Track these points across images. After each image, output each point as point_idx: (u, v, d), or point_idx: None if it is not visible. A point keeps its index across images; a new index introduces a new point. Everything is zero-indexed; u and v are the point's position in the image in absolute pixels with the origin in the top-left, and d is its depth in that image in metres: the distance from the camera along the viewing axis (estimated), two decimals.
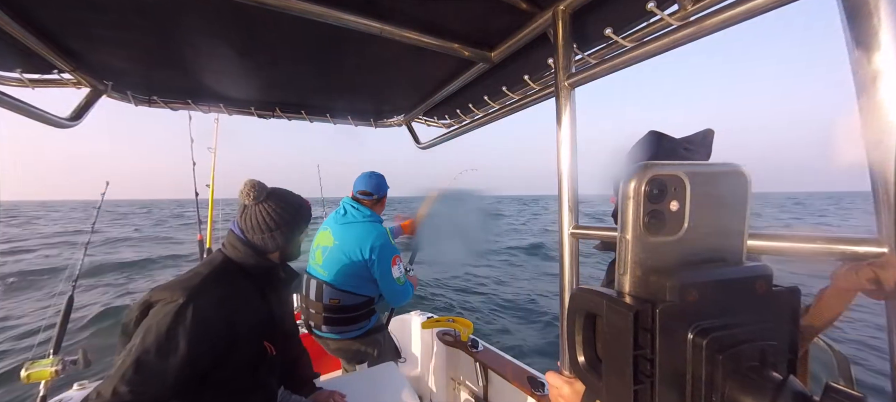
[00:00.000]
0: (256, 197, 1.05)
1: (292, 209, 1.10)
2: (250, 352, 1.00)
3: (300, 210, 1.13)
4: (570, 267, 0.78)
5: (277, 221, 1.06)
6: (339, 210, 1.82)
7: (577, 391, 0.58)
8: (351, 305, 1.71)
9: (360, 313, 1.74)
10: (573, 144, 0.80)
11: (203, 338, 0.87)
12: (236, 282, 1.01)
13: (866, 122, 0.37)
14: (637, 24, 0.82)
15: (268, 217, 1.05)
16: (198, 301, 0.88)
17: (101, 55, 1.11)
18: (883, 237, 0.37)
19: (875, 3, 0.37)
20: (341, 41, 1.03)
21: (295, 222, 1.10)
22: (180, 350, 0.83)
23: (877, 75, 0.37)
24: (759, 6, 0.50)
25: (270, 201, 1.07)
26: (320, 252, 1.77)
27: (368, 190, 1.79)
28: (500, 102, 1.38)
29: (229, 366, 0.94)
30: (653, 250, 0.29)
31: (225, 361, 0.92)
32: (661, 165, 0.28)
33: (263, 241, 1.05)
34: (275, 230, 1.05)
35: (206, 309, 0.89)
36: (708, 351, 0.25)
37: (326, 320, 1.72)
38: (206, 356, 0.88)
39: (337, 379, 1.59)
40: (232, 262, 1.04)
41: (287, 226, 1.08)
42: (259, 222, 1.04)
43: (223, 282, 0.98)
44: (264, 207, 1.06)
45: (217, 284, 0.96)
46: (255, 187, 1.05)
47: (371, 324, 1.81)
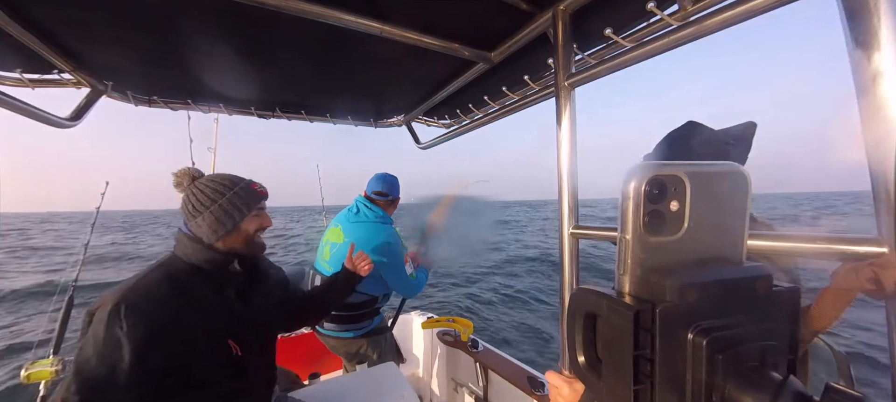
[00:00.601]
0: (180, 182, 0.98)
1: (220, 186, 0.98)
2: (212, 353, 0.93)
3: (231, 186, 0.99)
4: (570, 267, 0.78)
5: (203, 200, 0.96)
6: (352, 208, 1.83)
7: (577, 391, 0.58)
8: (356, 302, 1.71)
9: (364, 312, 1.75)
10: (573, 144, 0.80)
11: (143, 332, 0.81)
12: (182, 277, 0.94)
13: (866, 122, 0.38)
14: (637, 24, 0.82)
15: (195, 198, 0.96)
16: (130, 299, 0.83)
17: (101, 55, 1.11)
18: (883, 237, 0.37)
19: (875, 3, 0.37)
20: (341, 41, 1.03)
21: (225, 199, 0.97)
22: (123, 351, 0.78)
23: (877, 75, 0.37)
24: (759, 6, 0.50)
25: (198, 182, 0.98)
26: (329, 248, 1.78)
27: (384, 190, 1.81)
28: (500, 102, 1.38)
29: (194, 367, 0.89)
30: (653, 250, 0.29)
31: (186, 360, 0.88)
32: (662, 164, 0.28)
33: (198, 227, 0.96)
34: (203, 211, 0.95)
35: (141, 305, 0.83)
36: (708, 351, 0.25)
37: (330, 317, 1.73)
38: (155, 352, 0.82)
39: (337, 379, 1.59)
40: (179, 258, 0.97)
41: (216, 204, 0.96)
42: (187, 206, 0.97)
43: (165, 278, 0.91)
44: (192, 188, 0.98)
45: (157, 280, 0.90)
46: (178, 174, 0.99)
47: (374, 324, 1.81)
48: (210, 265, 0.96)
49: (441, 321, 2.20)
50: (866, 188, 0.38)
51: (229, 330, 0.97)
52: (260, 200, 1.03)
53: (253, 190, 1.03)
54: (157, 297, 0.86)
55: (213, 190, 0.97)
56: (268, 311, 1.13)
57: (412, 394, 1.37)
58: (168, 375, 0.85)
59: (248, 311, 1.04)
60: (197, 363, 0.90)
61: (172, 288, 0.89)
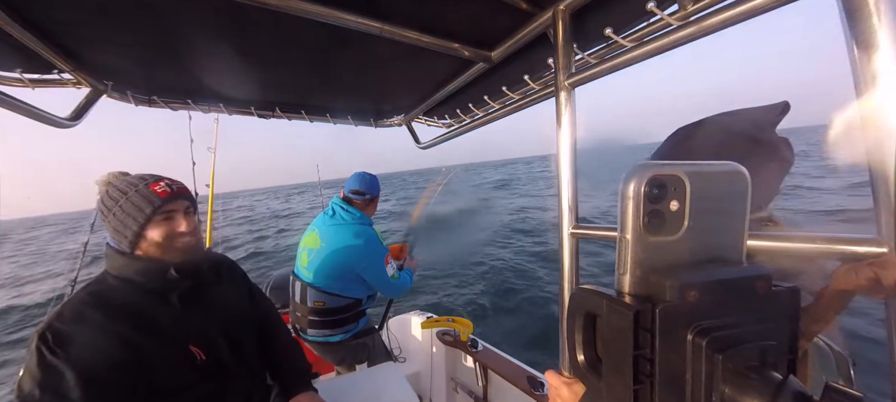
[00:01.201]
0: (99, 191, 0.94)
1: (117, 190, 0.91)
2: (175, 360, 0.90)
3: (126, 190, 0.91)
4: (569, 267, 0.78)
5: (107, 205, 0.90)
6: (328, 211, 1.78)
7: (577, 393, 0.58)
8: (337, 307, 1.68)
9: (346, 316, 1.71)
10: (573, 144, 0.80)
11: (82, 356, 0.78)
12: (112, 293, 0.89)
13: (866, 122, 0.38)
14: (637, 24, 0.82)
15: (100, 204, 0.92)
16: (55, 326, 0.79)
17: (101, 55, 1.11)
18: (883, 237, 0.37)
19: (875, 3, 0.37)
20: (341, 41, 1.03)
21: (118, 206, 0.89)
22: (67, 376, 0.75)
23: (877, 75, 0.37)
24: (759, 6, 0.50)
25: (108, 184, 0.93)
26: (306, 254, 1.73)
27: (361, 189, 1.77)
28: (500, 102, 1.38)
29: (157, 376, 0.86)
30: (653, 250, 0.29)
31: (145, 370, 0.84)
32: (661, 164, 0.28)
33: (111, 233, 0.91)
34: (107, 217, 0.90)
35: (68, 328, 0.80)
36: (708, 351, 0.25)
37: (311, 323, 1.68)
38: (102, 372, 0.78)
39: (335, 380, 1.59)
40: (110, 275, 0.92)
41: (111, 213, 0.90)
42: (99, 213, 0.92)
43: (92, 294, 0.87)
44: (101, 191, 0.93)
45: (82, 300, 0.85)
46: (101, 182, 0.94)
47: (359, 327, 1.77)
48: (142, 276, 0.90)
49: (441, 321, 2.20)
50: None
51: (186, 337, 0.93)
52: (162, 202, 0.91)
53: (151, 192, 0.91)
54: (86, 316, 0.82)
55: (113, 194, 0.91)
56: (234, 313, 1.08)
57: (412, 394, 1.37)
58: (128, 390, 0.82)
59: (204, 316, 0.99)
60: (158, 374, 0.86)
61: (103, 305, 0.85)
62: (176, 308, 0.94)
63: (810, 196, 11.01)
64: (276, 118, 1.69)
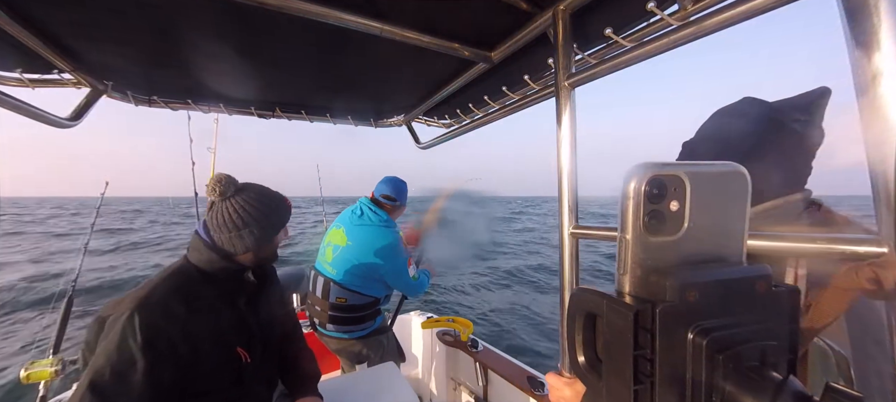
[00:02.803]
0: (224, 192, 0.95)
1: (266, 205, 0.99)
2: (221, 361, 0.93)
3: (276, 206, 1.02)
4: (570, 267, 0.78)
5: (247, 218, 0.95)
6: (356, 210, 1.81)
7: (578, 393, 0.58)
8: (357, 304, 1.72)
9: (365, 314, 1.75)
10: (573, 144, 0.80)
11: (156, 345, 0.81)
12: (195, 288, 0.93)
13: (866, 122, 0.37)
14: (637, 24, 0.82)
15: (236, 214, 0.94)
16: (143, 310, 0.82)
17: (101, 55, 1.11)
18: (883, 237, 0.37)
19: (875, 3, 0.37)
20: (341, 41, 1.03)
21: (269, 219, 0.99)
22: (137, 364, 0.78)
23: (877, 75, 0.37)
24: (759, 6, 0.50)
25: (240, 196, 0.96)
26: (331, 250, 1.77)
27: (392, 195, 1.81)
28: (500, 102, 1.38)
29: (200, 376, 0.89)
30: (653, 250, 0.29)
31: (193, 371, 0.87)
32: (661, 164, 0.28)
33: (231, 241, 0.95)
34: (243, 228, 0.95)
35: (154, 315, 0.83)
36: (708, 351, 0.25)
37: (332, 318, 1.72)
38: (166, 364, 0.82)
39: (336, 379, 1.59)
40: (193, 267, 0.96)
41: (259, 224, 0.96)
42: (226, 219, 0.94)
43: (178, 288, 0.90)
44: (233, 202, 0.95)
45: (170, 290, 0.89)
46: (222, 181, 0.95)
47: (375, 325, 1.81)
48: (225, 275, 0.97)
49: (441, 321, 2.20)
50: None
51: (240, 339, 0.98)
52: (290, 214, 1.07)
53: (288, 205, 1.06)
54: (172, 309, 0.86)
55: (264, 206, 0.98)
56: (271, 318, 1.12)
57: (412, 394, 1.37)
58: (175, 385, 0.85)
59: (256, 320, 1.04)
60: (205, 372, 0.90)
61: (186, 298, 0.89)
62: (239, 310, 0.99)
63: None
64: (276, 118, 1.69)
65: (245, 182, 1.01)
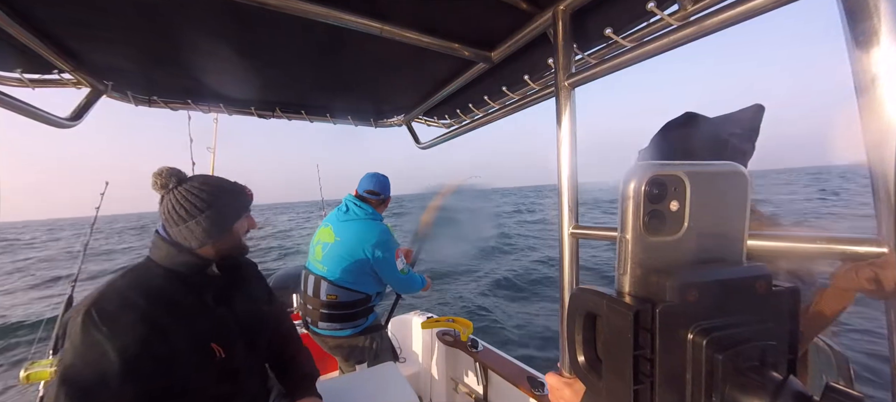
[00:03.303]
0: (165, 184, 0.92)
1: (212, 192, 0.94)
2: (194, 356, 0.91)
3: (225, 191, 0.97)
4: (569, 267, 0.78)
5: (191, 208, 0.91)
6: (342, 207, 1.84)
7: (578, 393, 0.58)
8: (349, 301, 1.72)
9: (357, 311, 1.75)
10: (573, 144, 0.80)
11: (125, 337, 0.79)
12: (156, 282, 0.90)
13: (866, 122, 0.37)
14: (637, 24, 0.82)
15: (180, 205, 0.91)
16: (101, 304, 0.81)
17: (101, 55, 1.11)
18: (883, 237, 0.37)
19: (875, 3, 0.37)
20: (341, 41, 1.03)
21: (219, 206, 0.94)
22: (109, 355, 0.77)
23: (877, 75, 0.37)
24: (759, 6, 0.50)
25: (184, 186, 0.93)
26: (320, 248, 1.78)
27: (376, 189, 1.83)
28: (500, 102, 1.38)
29: (175, 370, 0.87)
30: (653, 250, 0.29)
31: (168, 363, 0.86)
32: (661, 164, 0.28)
33: (182, 233, 0.91)
34: (190, 219, 0.90)
35: (115, 309, 0.82)
36: (708, 351, 0.25)
37: (324, 316, 1.73)
38: (141, 356, 0.80)
39: (335, 380, 1.59)
40: (154, 264, 0.93)
41: (208, 212, 0.92)
42: (173, 209, 0.90)
43: (136, 282, 0.88)
44: (177, 193, 0.92)
45: (127, 284, 0.87)
46: (162, 174, 0.92)
47: (368, 322, 1.81)
48: (187, 269, 0.93)
49: (441, 321, 2.20)
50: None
51: (211, 334, 0.95)
52: (249, 202, 1.04)
53: (244, 193, 1.02)
54: (130, 301, 0.84)
55: (207, 193, 0.94)
56: (254, 314, 1.09)
57: (412, 394, 1.37)
58: (152, 380, 0.84)
59: (230, 314, 1.01)
60: (179, 367, 0.88)
61: (146, 292, 0.87)
62: (207, 304, 0.96)
63: None
64: (276, 118, 1.69)
65: (197, 174, 0.98)
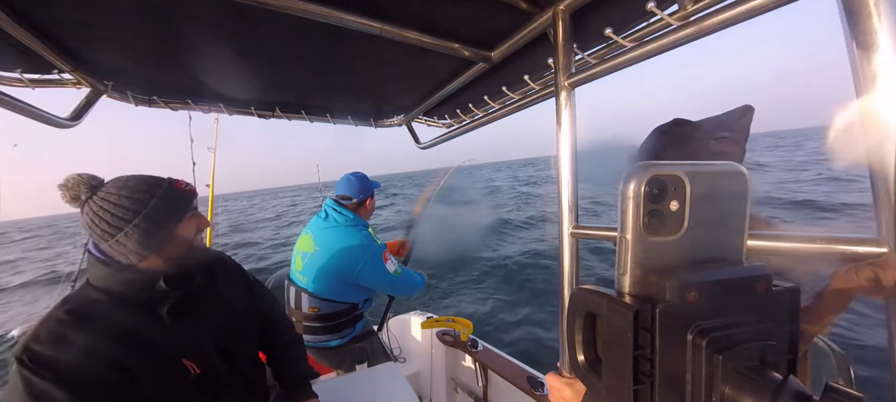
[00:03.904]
0: (75, 196, 0.79)
1: (135, 196, 0.80)
2: (162, 378, 0.83)
3: (153, 193, 0.82)
4: (569, 267, 0.78)
5: (117, 217, 0.78)
6: (321, 213, 1.74)
7: (578, 393, 0.58)
8: (331, 313, 1.64)
9: (342, 322, 1.68)
10: (573, 144, 0.80)
11: (68, 376, 0.72)
12: (97, 310, 0.80)
13: (866, 122, 0.37)
14: (637, 24, 0.82)
15: (101, 217, 0.78)
16: (32, 349, 0.72)
17: (101, 55, 1.11)
18: (883, 237, 0.37)
19: (875, 3, 0.37)
20: (341, 41, 1.03)
21: (148, 210, 0.80)
22: (59, 398, 0.69)
23: (877, 75, 0.37)
24: (759, 6, 0.50)
25: (100, 194, 0.79)
26: (300, 258, 1.69)
27: (348, 194, 1.72)
28: (500, 102, 1.38)
29: (143, 397, 0.80)
30: (653, 250, 0.29)
31: (131, 391, 0.78)
32: (661, 164, 0.28)
33: (114, 249, 0.79)
34: (117, 232, 0.78)
35: (47, 350, 0.73)
36: (708, 351, 0.25)
37: (307, 329, 1.65)
38: (96, 390, 0.74)
39: (335, 380, 1.59)
40: (91, 289, 0.82)
41: (136, 220, 0.79)
42: (94, 224, 0.78)
43: (72, 316, 0.77)
44: (94, 203, 0.79)
45: (60, 321, 0.76)
46: (69, 185, 0.79)
47: (356, 331, 1.74)
48: (131, 289, 0.82)
49: (441, 321, 2.20)
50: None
51: (178, 351, 0.86)
52: (190, 199, 0.89)
53: (180, 190, 0.87)
54: (66, 338, 0.74)
55: (131, 201, 0.79)
56: (230, 317, 1.01)
57: (412, 394, 1.37)
58: None
59: (198, 325, 0.92)
60: (149, 391, 0.81)
61: (84, 323, 0.77)
62: (165, 321, 0.86)
63: None
64: (276, 118, 1.69)
65: (118, 177, 0.83)
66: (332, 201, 1.73)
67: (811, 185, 13.08)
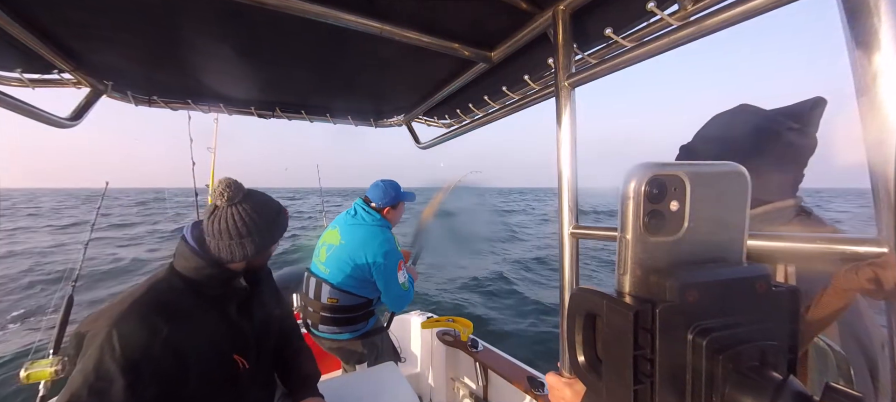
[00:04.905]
0: (231, 198, 0.92)
1: (270, 215, 0.98)
2: (216, 372, 0.91)
3: (278, 217, 1.01)
4: (570, 267, 0.78)
5: (252, 226, 0.92)
6: (350, 210, 1.83)
7: (578, 393, 0.58)
8: (349, 305, 1.71)
9: (357, 315, 1.74)
10: (573, 144, 0.80)
11: (137, 363, 0.78)
12: (180, 298, 0.89)
13: (866, 122, 0.37)
14: (637, 24, 0.82)
15: (241, 221, 0.92)
16: (122, 327, 0.79)
17: (101, 55, 1.11)
18: (883, 237, 0.37)
19: (875, 3, 0.37)
20: (341, 41, 1.03)
21: (270, 229, 0.98)
22: (115, 382, 0.75)
23: (877, 75, 0.37)
24: (759, 6, 0.50)
25: (246, 204, 0.94)
26: (325, 250, 1.78)
27: (372, 199, 1.81)
28: (500, 102, 1.38)
29: (193, 389, 0.86)
30: (653, 250, 0.29)
31: (183, 385, 0.85)
32: (662, 164, 0.28)
33: (230, 248, 0.91)
34: (246, 237, 0.92)
35: (134, 332, 0.80)
36: (708, 351, 0.25)
37: (324, 319, 1.72)
38: (148, 382, 0.79)
39: (336, 379, 1.59)
40: (177, 276, 0.92)
41: (260, 233, 0.94)
42: (229, 225, 0.91)
43: (160, 301, 0.87)
44: (239, 209, 0.92)
45: (151, 304, 0.85)
46: (231, 186, 0.92)
47: (368, 326, 1.80)
48: (214, 283, 0.93)
49: (441, 321, 2.20)
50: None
51: (235, 347, 0.96)
52: (288, 224, 1.07)
53: (287, 217, 1.06)
54: (153, 324, 0.83)
55: (266, 214, 0.96)
56: (266, 321, 1.10)
57: (411, 394, 1.37)
58: (162, 398, 0.82)
59: (250, 323, 1.02)
60: (198, 384, 0.87)
61: (169, 311, 0.86)
62: (231, 317, 0.97)
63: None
64: (276, 118, 1.69)
65: (251, 189, 0.98)
66: (362, 200, 1.83)
67: None
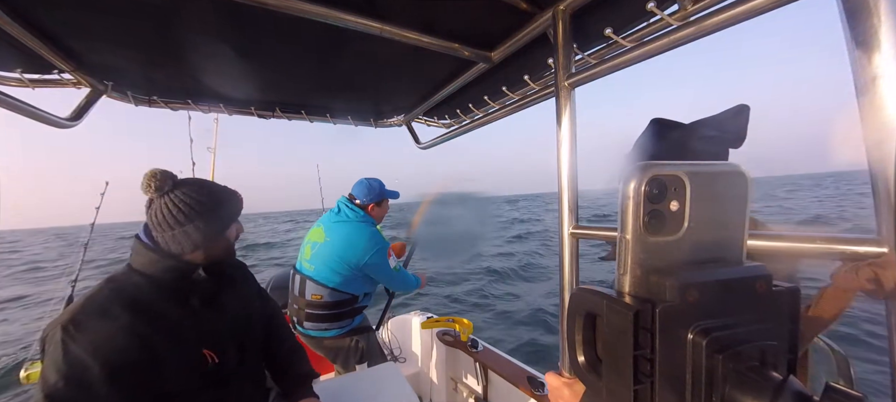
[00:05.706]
0: (160, 187, 0.88)
1: (210, 198, 0.92)
2: (184, 364, 0.89)
3: (223, 199, 0.95)
4: (570, 267, 0.78)
5: (189, 212, 0.88)
6: (334, 209, 1.85)
7: (578, 393, 0.58)
8: (333, 301, 1.72)
9: (342, 312, 1.76)
10: (573, 143, 0.80)
11: (101, 347, 0.77)
12: (137, 292, 0.86)
13: (866, 122, 0.37)
14: (637, 24, 0.82)
15: (176, 209, 0.87)
16: (79, 318, 0.78)
17: (101, 55, 1.11)
18: (883, 237, 0.37)
19: (875, 3, 0.37)
20: (341, 41, 1.03)
21: (215, 212, 0.92)
22: (92, 370, 0.74)
23: (877, 75, 0.37)
24: (759, 6, 0.50)
25: (180, 190, 0.89)
26: (310, 248, 1.79)
27: (357, 196, 1.84)
28: (500, 102, 1.38)
29: (164, 380, 0.85)
30: (653, 250, 0.29)
31: (156, 373, 0.83)
32: (662, 165, 0.28)
33: (174, 239, 0.88)
34: (187, 224, 0.87)
35: (93, 322, 0.79)
36: (708, 351, 0.25)
37: (308, 316, 1.73)
38: (124, 369, 0.78)
39: (335, 380, 1.59)
40: (135, 272, 0.89)
41: (203, 218, 0.89)
42: (165, 215, 0.87)
43: (116, 293, 0.84)
44: (173, 197, 0.88)
45: (107, 296, 0.83)
46: (157, 176, 0.87)
47: (354, 324, 1.82)
48: (171, 275, 0.90)
49: (441, 321, 2.20)
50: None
51: (201, 340, 0.93)
52: (241, 208, 1.01)
53: (237, 198, 1.00)
54: (110, 312, 0.81)
55: (205, 198, 0.91)
56: (243, 316, 1.07)
57: (411, 394, 1.37)
58: (139, 390, 0.81)
59: (220, 318, 0.99)
60: (169, 376, 0.85)
61: (127, 303, 0.83)
62: (194, 309, 0.93)
63: None
64: (276, 118, 1.69)
65: (185, 178, 0.94)
66: (346, 198, 1.86)
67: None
